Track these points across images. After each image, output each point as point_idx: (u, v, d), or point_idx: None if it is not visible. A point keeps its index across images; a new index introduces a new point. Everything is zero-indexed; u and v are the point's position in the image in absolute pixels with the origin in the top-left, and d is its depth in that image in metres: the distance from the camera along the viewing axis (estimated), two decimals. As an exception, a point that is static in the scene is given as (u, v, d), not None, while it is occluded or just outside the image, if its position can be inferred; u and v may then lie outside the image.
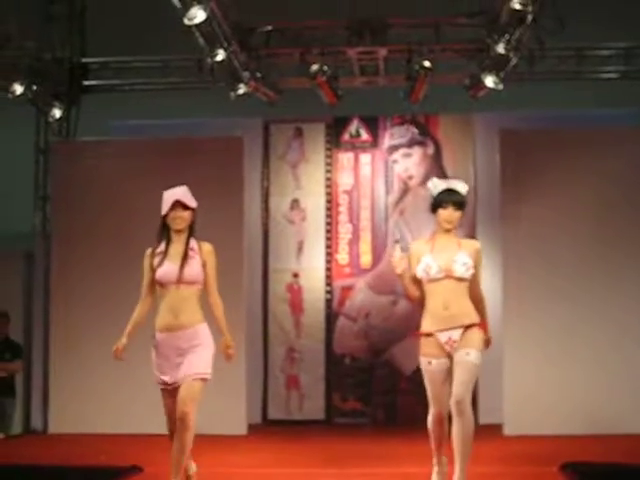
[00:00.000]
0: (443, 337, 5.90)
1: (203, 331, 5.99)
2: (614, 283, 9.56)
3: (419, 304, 6.12)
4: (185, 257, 6.05)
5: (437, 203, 6.04)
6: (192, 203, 6.10)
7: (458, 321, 5.91)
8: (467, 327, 5.91)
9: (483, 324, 6.01)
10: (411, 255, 6.08)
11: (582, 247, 9.55)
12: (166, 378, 5.94)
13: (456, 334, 5.89)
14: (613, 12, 9.99)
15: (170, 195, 6.06)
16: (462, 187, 6.13)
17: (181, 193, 6.09)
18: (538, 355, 9.46)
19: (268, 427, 10.68)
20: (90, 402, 9.74)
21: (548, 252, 9.54)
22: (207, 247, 6.26)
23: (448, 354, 5.91)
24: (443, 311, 5.92)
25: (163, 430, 5.68)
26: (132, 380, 9.50)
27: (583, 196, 9.57)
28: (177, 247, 6.10)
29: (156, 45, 10.23)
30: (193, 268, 6.05)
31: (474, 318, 5.96)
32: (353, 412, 10.82)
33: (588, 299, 9.51)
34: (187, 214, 6.07)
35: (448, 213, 5.99)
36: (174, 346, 5.98)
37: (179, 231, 6.10)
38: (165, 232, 6.14)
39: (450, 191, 6.07)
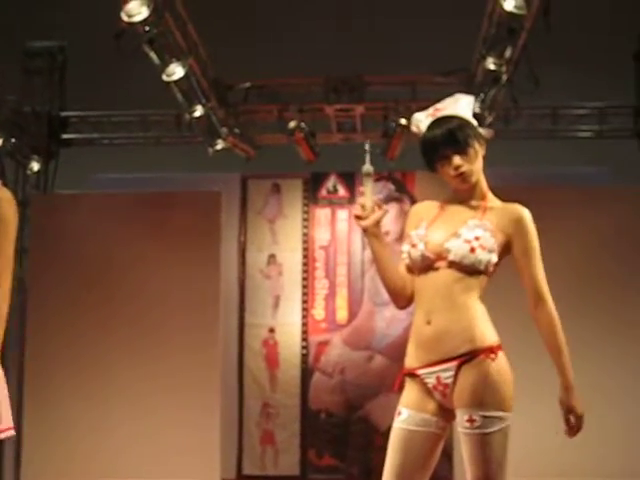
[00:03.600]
0: (429, 377, 3.50)
1: None
2: (594, 342, 9.52)
3: (401, 305, 3.76)
4: None
5: (428, 155, 3.71)
6: None
7: (447, 347, 3.45)
8: (465, 359, 3.44)
9: (496, 348, 3.52)
10: (408, 222, 3.83)
11: (560, 305, 9.54)
12: None
13: (447, 372, 3.45)
14: (587, 73, 10.12)
15: None
16: (461, 104, 3.72)
17: None
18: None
19: (243, 482, 10.63)
20: (63, 452, 9.66)
21: (524, 310, 9.54)
22: None
23: (441, 409, 3.52)
24: (424, 327, 3.51)
25: (137, 476, 5.62)
26: (102, 427, 9.54)
27: (558, 254, 9.62)
28: None
29: (135, 100, 10.29)
30: None
31: (479, 340, 3.47)
32: (328, 468, 10.76)
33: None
34: None
35: (448, 166, 3.68)
36: None
37: None
38: None
39: (440, 124, 3.64)
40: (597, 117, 10.39)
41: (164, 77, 8.05)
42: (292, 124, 9.51)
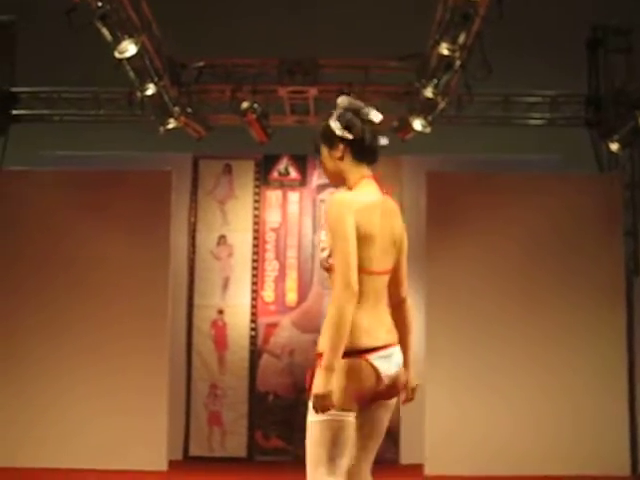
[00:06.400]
0: None
1: None
2: (540, 323, 9.64)
3: None
4: None
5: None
6: None
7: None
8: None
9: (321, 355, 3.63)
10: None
11: (508, 288, 9.65)
12: None
13: None
14: (540, 61, 10.17)
15: None
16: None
17: None
18: (462, 394, 9.50)
19: (189, 463, 10.58)
20: (12, 438, 9.56)
21: (474, 292, 9.64)
22: None
23: None
24: None
25: (84, 462, 5.61)
26: (50, 412, 9.45)
27: (507, 239, 9.70)
28: None
29: (87, 77, 10.17)
30: None
31: (321, 343, 3.67)
32: (275, 450, 10.77)
33: (514, 339, 9.59)
34: None
35: None
36: None
37: None
38: None
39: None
40: (549, 105, 10.45)
41: (116, 54, 7.95)
42: (245, 105, 9.46)
